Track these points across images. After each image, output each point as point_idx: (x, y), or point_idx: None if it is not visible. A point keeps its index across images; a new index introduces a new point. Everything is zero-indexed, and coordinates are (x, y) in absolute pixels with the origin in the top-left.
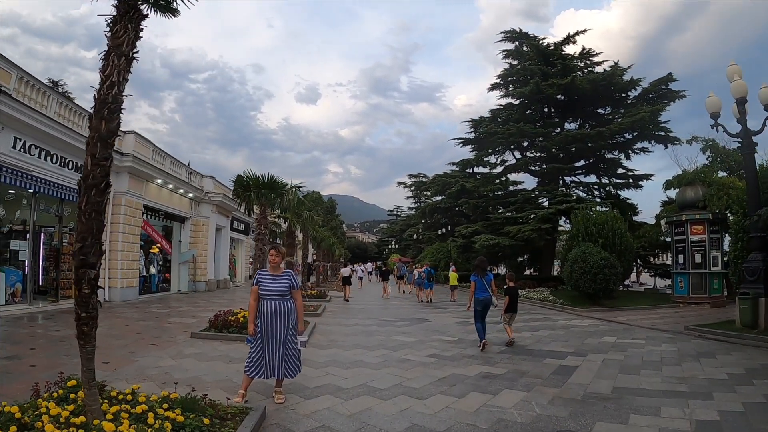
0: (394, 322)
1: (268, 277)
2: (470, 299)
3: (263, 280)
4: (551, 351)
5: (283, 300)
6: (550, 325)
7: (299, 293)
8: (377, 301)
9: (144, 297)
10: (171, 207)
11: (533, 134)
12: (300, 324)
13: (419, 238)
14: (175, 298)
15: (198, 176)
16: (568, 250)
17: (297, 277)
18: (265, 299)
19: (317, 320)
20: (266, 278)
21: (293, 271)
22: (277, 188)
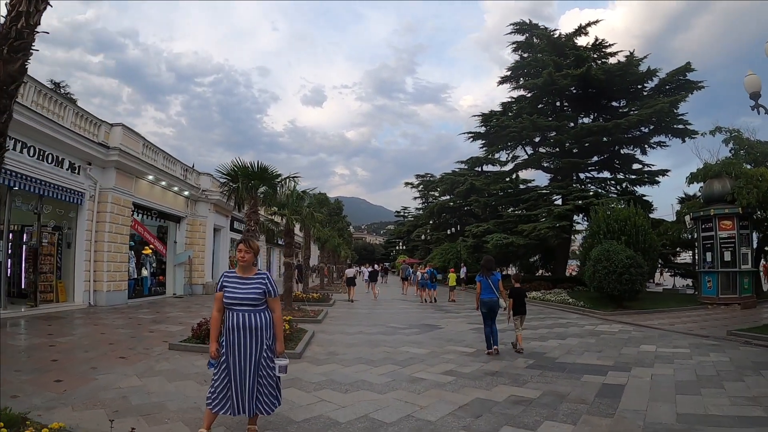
0: (402, 330)
1: (236, 280)
2: (476, 300)
3: (229, 285)
4: (587, 365)
5: (254, 311)
6: (577, 331)
7: (277, 302)
8: (384, 305)
9: (134, 301)
10: (165, 206)
11: (547, 127)
12: (279, 343)
13: (427, 239)
14: (169, 303)
15: (194, 173)
16: (588, 248)
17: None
18: (231, 310)
19: (317, 328)
20: (233, 282)
21: (269, 274)
22: (268, 179)
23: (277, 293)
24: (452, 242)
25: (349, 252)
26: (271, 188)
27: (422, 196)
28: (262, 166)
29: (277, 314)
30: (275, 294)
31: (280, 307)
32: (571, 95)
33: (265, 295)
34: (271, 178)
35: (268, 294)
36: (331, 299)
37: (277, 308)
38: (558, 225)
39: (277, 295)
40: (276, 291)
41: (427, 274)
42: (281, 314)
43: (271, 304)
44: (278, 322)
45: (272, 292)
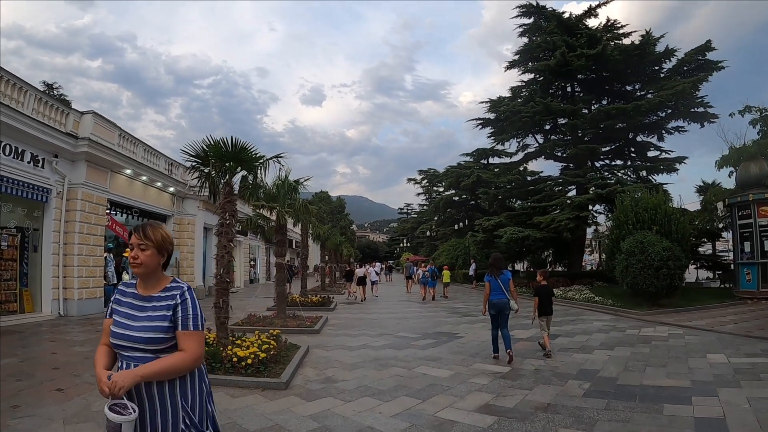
0: (414, 341)
1: (131, 301)
2: (484, 303)
3: (119, 310)
4: (660, 387)
5: (153, 359)
6: (621, 337)
7: (195, 341)
8: (390, 307)
9: None
10: (147, 203)
11: (560, 111)
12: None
13: (432, 235)
14: None
15: (181, 168)
16: (615, 240)
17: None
18: (121, 359)
19: (313, 341)
20: (126, 304)
21: (188, 287)
22: (246, 160)
23: (200, 324)
24: (460, 238)
25: (353, 250)
26: (251, 172)
27: (426, 191)
28: (238, 145)
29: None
30: (194, 325)
31: (196, 350)
32: (584, 79)
33: (170, 330)
34: (250, 159)
35: (179, 326)
36: (333, 302)
37: (191, 349)
38: (580, 215)
39: (199, 328)
40: (196, 319)
41: (428, 272)
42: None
43: (183, 343)
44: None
45: (186, 321)
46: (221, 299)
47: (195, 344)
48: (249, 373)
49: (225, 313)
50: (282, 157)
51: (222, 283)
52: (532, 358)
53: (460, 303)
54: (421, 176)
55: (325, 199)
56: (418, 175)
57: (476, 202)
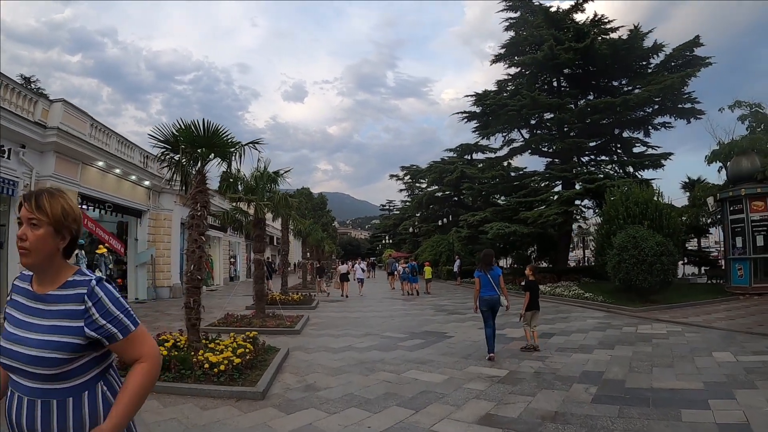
0: (401, 341)
1: (22, 299)
2: (475, 299)
3: (11, 311)
4: (672, 390)
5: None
6: (619, 335)
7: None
8: (374, 305)
9: None
10: (121, 197)
11: (548, 105)
12: None
13: (415, 232)
14: None
15: (157, 161)
16: (605, 235)
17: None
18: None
19: (293, 342)
20: (18, 303)
21: (97, 280)
22: (220, 146)
23: (134, 318)
24: (443, 234)
25: (335, 247)
26: (225, 159)
27: (408, 188)
28: (211, 128)
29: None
30: (132, 322)
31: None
32: (570, 74)
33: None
34: (224, 145)
35: (115, 337)
36: (315, 300)
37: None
38: (566, 211)
39: (138, 323)
40: (129, 315)
41: (408, 268)
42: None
43: (133, 352)
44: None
45: (120, 325)
46: (192, 299)
47: (147, 345)
48: (222, 381)
49: (196, 314)
50: (259, 143)
51: (192, 281)
52: (529, 359)
53: (445, 300)
54: (404, 172)
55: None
56: (400, 171)
57: (459, 198)
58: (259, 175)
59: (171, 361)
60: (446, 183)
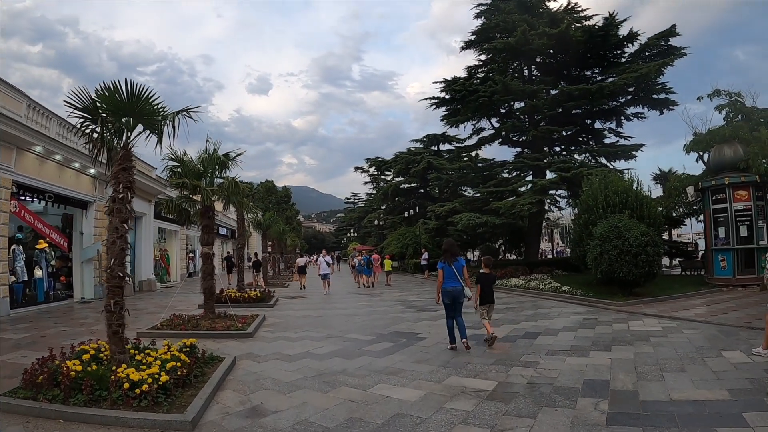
0: (367, 345)
1: None
2: (438, 291)
3: None
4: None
5: None
6: (612, 333)
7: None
8: (339, 302)
9: (20, 311)
10: (63, 186)
11: (520, 92)
12: None
13: (381, 224)
14: (68, 311)
15: (75, 134)
16: (583, 225)
17: None
18: None
19: (242, 348)
20: None
21: None
22: (147, 114)
23: None
24: (410, 226)
25: (298, 240)
26: (153, 130)
27: (373, 180)
28: (134, 92)
29: None
30: None
31: None
32: (542, 63)
33: None
34: (151, 112)
35: None
36: (273, 296)
37: None
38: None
39: None
40: None
41: (364, 260)
42: None
43: None
44: None
45: None
46: (113, 300)
47: None
48: (144, 405)
49: (119, 320)
50: (194, 111)
51: (113, 279)
52: (518, 365)
53: (414, 295)
54: (369, 164)
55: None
56: (365, 163)
57: (426, 190)
58: (207, 158)
59: (84, 380)
60: (412, 174)
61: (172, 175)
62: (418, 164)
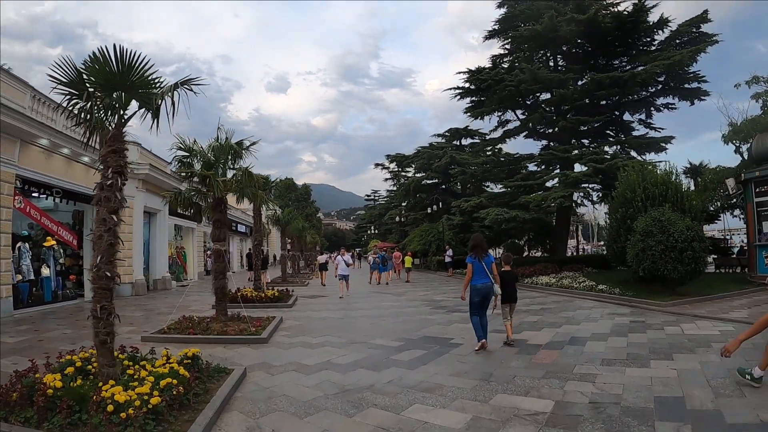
0: (396, 352)
1: None
2: (464, 287)
3: None
4: None
5: None
6: (667, 339)
7: None
8: (361, 302)
9: (26, 312)
10: (71, 182)
11: (549, 81)
12: None
13: (402, 221)
14: (75, 312)
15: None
16: (621, 220)
17: None
18: None
19: (254, 357)
20: None
21: None
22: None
23: None
24: (432, 222)
25: (318, 238)
26: (148, 107)
27: (394, 176)
28: (125, 61)
29: None
30: None
31: None
32: (568, 52)
33: None
34: (145, 84)
35: None
36: (292, 296)
37: None
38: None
39: None
40: None
41: (379, 258)
42: None
43: None
44: None
45: None
46: (99, 305)
47: None
48: None
49: (107, 327)
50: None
51: (100, 280)
52: (573, 378)
53: (441, 294)
54: (390, 160)
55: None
56: (386, 160)
57: (448, 186)
58: (219, 147)
59: (63, 400)
60: (435, 169)
61: (181, 165)
62: (440, 159)
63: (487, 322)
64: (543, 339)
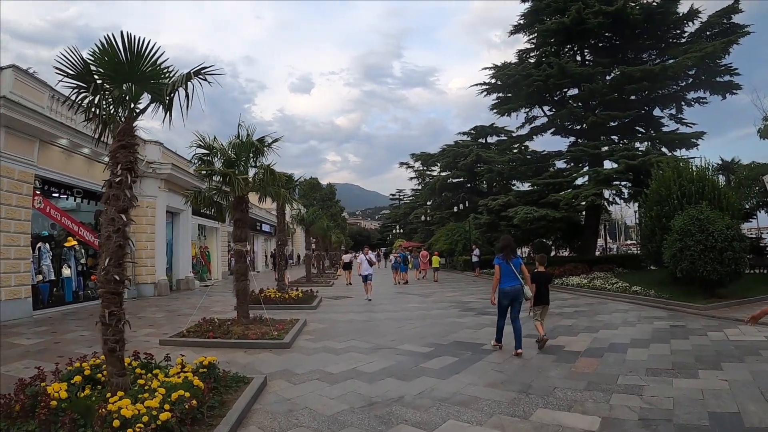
0: (425, 359)
1: None
2: (493, 290)
3: None
4: None
5: None
6: (714, 346)
7: None
8: (387, 303)
9: (45, 313)
10: (92, 181)
11: (578, 75)
12: None
13: (428, 220)
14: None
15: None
16: (656, 218)
17: None
18: None
19: (275, 364)
20: None
21: None
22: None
23: None
24: (459, 222)
25: (343, 237)
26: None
27: (419, 175)
28: (133, 49)
29: None
30: None
31: None
32: (595, 46)
33: None
34: (155, 74)
35: None
36: (316, 297)
37: None
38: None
39: None
40: None
41: (400, 257)
42: None
43: None
44: None
45: None
46: (107, 311)
47: None
48: None
49: (116, 334)
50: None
51: (108, 284)
52: (618, 390)
53: (469, 295)
54: (415, 159)
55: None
56: (411, 158)
57: (474, 184)
58: (240, 144)
59: (66, 412)
60: (460, 168)
61: (201, 163)
62: (465, 157)
63: (520, 329)
64: (581, 345)
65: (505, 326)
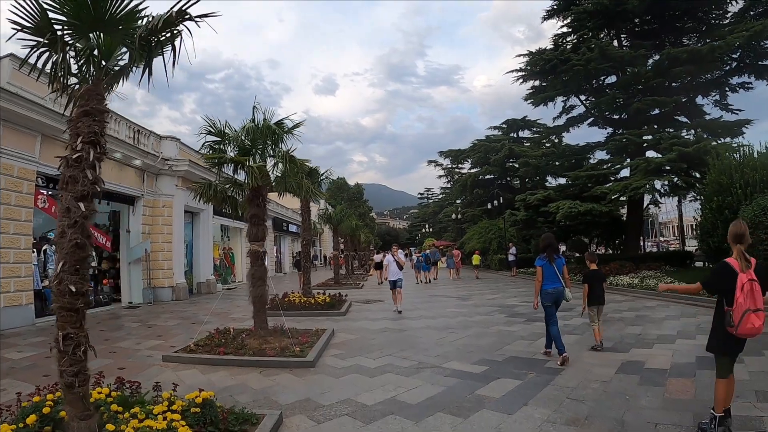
0: (480, 383)
1: None
2: (536, 293)
3: None
4: None
5: None
6: None
7: None
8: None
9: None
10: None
11: (620, 58)
12: None
13: (459, 218)
14: (106, 318)
15: (152, 137)
16: (717, 210)
17: None
18: None
19: (295, 392)
20: None
21: None
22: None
23: None
24: (492, 219)
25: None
26: (131, 47)
27: (448, 173)
28: None
29: None
30: None
31: None
32: (633, 30)
33: None
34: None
35: None
36: (345, 302)
37: None
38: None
39: None
40: None
41: (422, 257)
42: None
43: None
44: None
45: None
46: (63, 333)
47: None
48: None
49: (74, 364)
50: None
51: (63, 297)
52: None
53: (511, 298)
54: (444, 156)
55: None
56: (439, 156)
57: (506, 180)
58: (255, 129)
59: None
60: (492, 163)
61: (212, 152)
62: (497, 152)
63: None
64: (662, 361)
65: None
